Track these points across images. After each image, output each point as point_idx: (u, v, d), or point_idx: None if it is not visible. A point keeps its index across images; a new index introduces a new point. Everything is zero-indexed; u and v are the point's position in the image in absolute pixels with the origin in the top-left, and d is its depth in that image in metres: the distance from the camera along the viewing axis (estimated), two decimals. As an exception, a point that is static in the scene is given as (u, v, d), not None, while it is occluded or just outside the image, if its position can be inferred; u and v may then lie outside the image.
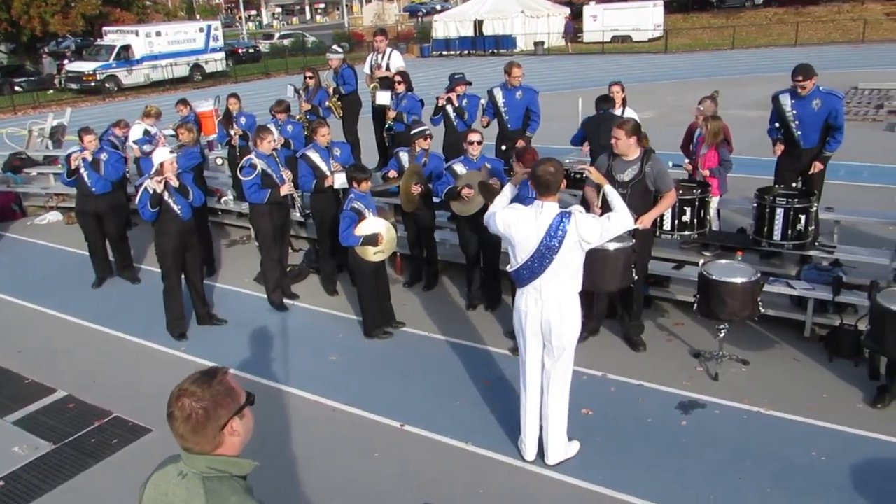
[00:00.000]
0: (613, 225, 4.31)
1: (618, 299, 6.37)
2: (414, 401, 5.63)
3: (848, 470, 4.53)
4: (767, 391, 5.45)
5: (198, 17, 51.36)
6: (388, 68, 10.20)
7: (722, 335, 5.68)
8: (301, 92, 9.92)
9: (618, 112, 8.21)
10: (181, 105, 10.23)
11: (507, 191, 4.86)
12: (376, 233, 6.37)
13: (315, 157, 7.31)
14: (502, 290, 7.09)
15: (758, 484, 4.44)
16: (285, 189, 7.10)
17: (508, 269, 4.44)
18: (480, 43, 37.15)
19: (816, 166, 6.84)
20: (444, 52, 37.70)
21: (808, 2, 38.14)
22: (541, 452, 4.76)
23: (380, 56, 10.35)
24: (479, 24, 37.55)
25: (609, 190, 4.65)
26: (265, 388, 5.90)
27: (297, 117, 9.60)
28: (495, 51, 35.95)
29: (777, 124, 6.96)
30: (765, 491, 4.38)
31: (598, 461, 4.74)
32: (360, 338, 6.75)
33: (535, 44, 35.43)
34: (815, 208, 6.36)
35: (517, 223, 4.28)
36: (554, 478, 4.63)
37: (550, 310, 4.34)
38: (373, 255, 6.41)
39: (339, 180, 7.07)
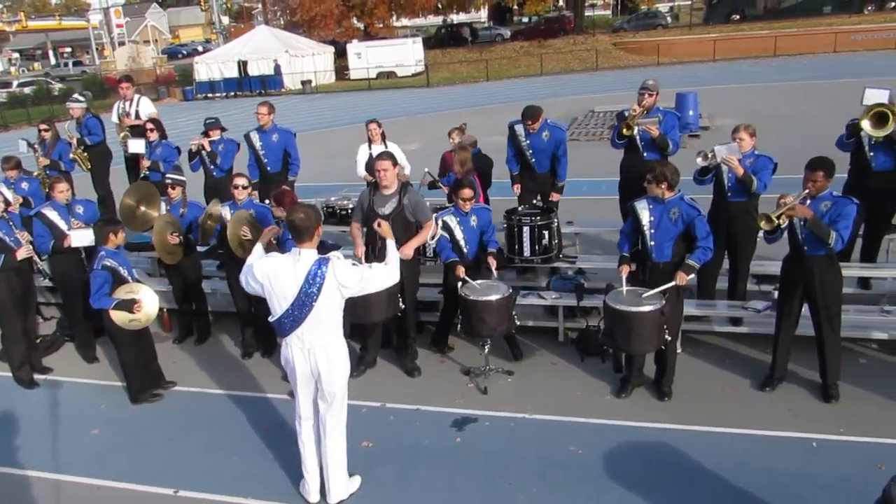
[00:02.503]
0: (375, 276, 4.33)
1: (392, 329, 6.55)
2: (188, 463, 5.34)
3: (601, 457, 5.02)
4: (530, 397, 5.89)
5: (-87, 65, 45.28)
6: (137, 116, 9.70)
7: (486, 350, 6.07)
8: (36, 146, 9.08)
9: (378, 148, 8.46)
10: None
11: (258, 249, 4.67)
12: (135, 299, 5.97)
13: (52, 215, 6.72)
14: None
15: (525, 485, 4.77)
16: (22, 252, 6.45)
17: (270, 319, 4.36)
18: (246, 84, 36.46)
19: (554, 196, 7.54)
20: (209, 95, 36.50)
21: (548, 35, 42.15)
22: (324, 493, 4.74)
23: (127, 104, 9.82)
24: (243, 65, 36.89)
25: (390, 244, 4.65)
26: (12, 478, 5.28)
27: (36, 173, 8.77)
28: (262, 91, 35.45)
29: (514, 152, 7.60)
30: (531, 491, 4.72)
31: (379, 492, 4.81)
32: (126, 405, 6.28)
33: (302, 82, 35.55)
34: (555, 224, 7.02)
35: (276, 271, 4.23)
36: (337, 516, 4.63)
37: (317, 357, 4.34)
38: (128, 322, 5.97)
39: (81, 238, 6.52)
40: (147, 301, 6.02)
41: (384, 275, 4.38)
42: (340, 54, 39.53)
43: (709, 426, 5.30)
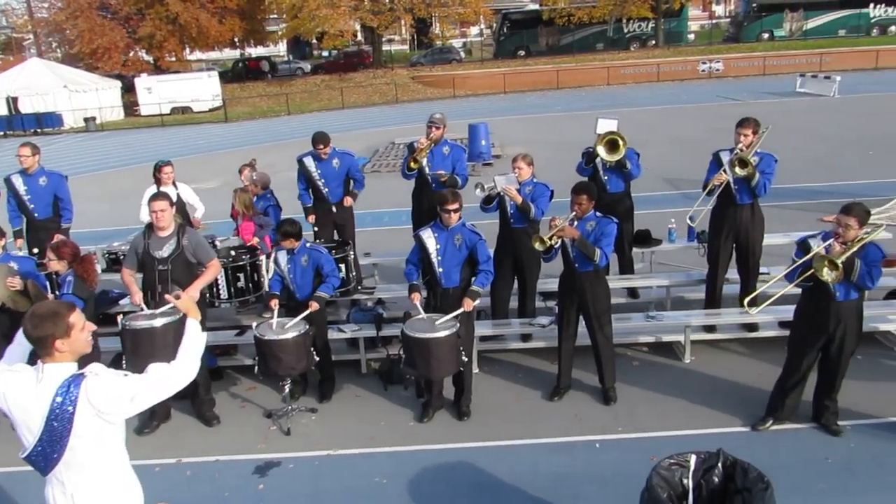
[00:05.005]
0: (158, 384, 3.12)
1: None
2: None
3: (406, 484, 5.09)
4: (335, 432, 5.84)
5: None
6: None
7: (287, 390, 5.94)
8: None
9: (168, 191, 8.03)
10: None
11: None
12: None
13: None
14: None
15: (330, 523, 4.73)
16: None
17: (21, 455, 3.05)
18: (18, 122, 33.11)
19: (347, 200, 7.69)
20: (-28, 135, 32.73)
21: (348, 69, 42.67)
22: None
23: None
24: (13, 102, 33.51)
25: (191, 326, 3.40)
26: None
27: None
28: (38, 129, 32.41)
29: (305, 185, 7.61)
30: (336, 528, 4.68)
31: (175, 554, 4.53)
32: None
33: (86, 119, 33.01)
34: (352, 256, 7.08)
35: (14, 394, 2.97)
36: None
37: None
38: None
39: None
40: None
41: (174, 377, 3.18)
42: (129, 89, 37.23)
43: (504, 440, 5.57)
